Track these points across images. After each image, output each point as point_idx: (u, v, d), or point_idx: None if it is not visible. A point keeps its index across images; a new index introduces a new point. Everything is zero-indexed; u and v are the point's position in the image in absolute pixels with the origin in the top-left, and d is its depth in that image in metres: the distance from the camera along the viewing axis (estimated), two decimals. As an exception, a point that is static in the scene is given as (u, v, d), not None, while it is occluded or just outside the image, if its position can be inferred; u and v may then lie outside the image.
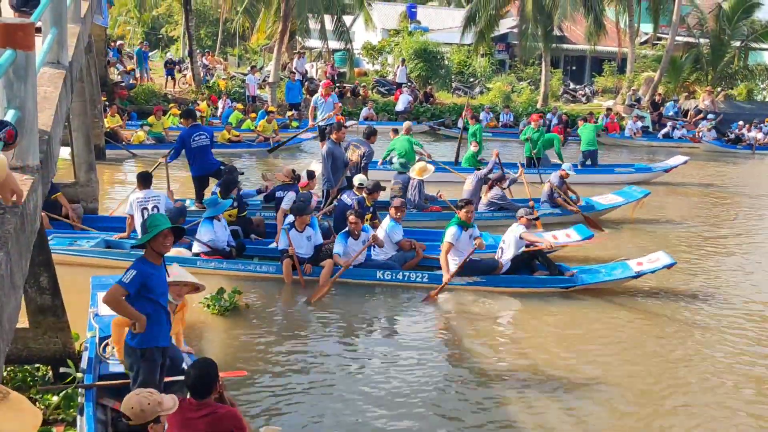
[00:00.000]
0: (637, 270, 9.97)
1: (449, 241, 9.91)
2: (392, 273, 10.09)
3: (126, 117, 21.95)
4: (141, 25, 51.37)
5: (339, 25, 31.52)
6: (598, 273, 10.26)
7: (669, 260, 9.94)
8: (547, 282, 10.15)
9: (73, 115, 11.83)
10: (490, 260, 10.30)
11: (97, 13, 13.63)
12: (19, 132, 3.95)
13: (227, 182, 11.14)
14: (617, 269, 10.24)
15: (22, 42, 3.89)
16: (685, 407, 7.12)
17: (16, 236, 3.44)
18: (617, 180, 18.23)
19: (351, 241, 10.16)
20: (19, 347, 6.75)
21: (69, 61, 6.69)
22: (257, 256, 10.67)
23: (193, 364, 5.14)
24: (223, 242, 10.20)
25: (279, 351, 7.95)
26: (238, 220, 11.26)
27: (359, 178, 12.13)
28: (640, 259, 10.28)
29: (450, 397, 7.09)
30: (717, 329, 9.11)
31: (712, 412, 7.01)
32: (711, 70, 34.14)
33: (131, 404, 4.53)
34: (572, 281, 10.11)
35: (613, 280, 10.11)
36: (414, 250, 10.59)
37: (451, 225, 10.11)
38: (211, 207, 10.26)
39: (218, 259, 10.03)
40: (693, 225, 15.00)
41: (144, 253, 5.68)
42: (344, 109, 27.15)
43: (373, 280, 10.07)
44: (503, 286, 10.06)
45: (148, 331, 5.58)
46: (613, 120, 28.75)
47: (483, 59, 37.03)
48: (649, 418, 6.85)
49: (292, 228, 10.05)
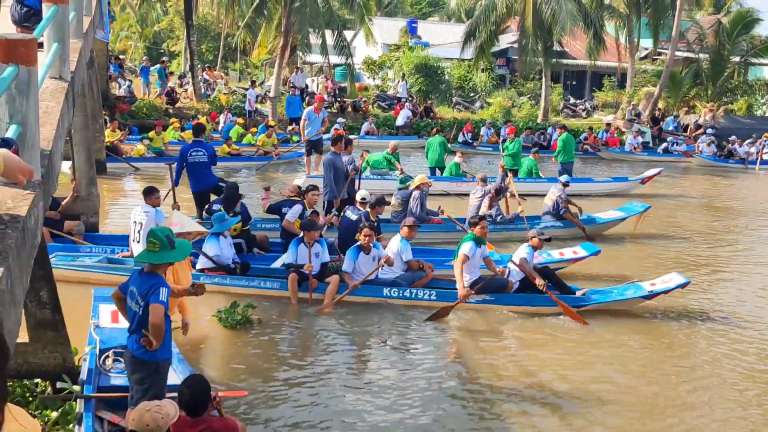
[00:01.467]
0: (650, 290, 9.84)
1: (465, 254, 9.80)
2: (399, 291, 9.97)
3: (126, 131, 21.98)
4: (143, 40, 51.56)
5: (340, 40, 31.61)
6: (609, 293, 10.14)
7: (682, 280, 9.82)
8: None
9: (75, 130, 11.86)
10: (500, 279, 10.13)
11: (98, 28, 13.68)
12: (20, 147, 3.97)
13: (228, 198, 11.09)
14: (629, 290, 10.11)
15: (24, 57, 3.92)
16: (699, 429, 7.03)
17: (17, 251, 3.44)
18: (595, 190, 18.46)
19: (362, 257, 10.03)
20: (18, 362, 6.74)
21: (71, 76, 6.72)
22: (262, 275, 10.46)
23: (185, 382, 5.09)
24: (228, 259, 10.10)
25: (285, 366, 7.94)
26: (242, 233, 11.21)
27: (362, 193, 12.11)
28: (653, 280, 10.16)
29: (457, 415, 7.05)
30: (730, 348, 9.01)
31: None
32: (711, 85, 34.23)
33: (146, 421, 4.52)
34: (583, 301, 9.98)
35: (625, 300, 9.98)
36: (422, 270, 10.43)
37: (466, 240, 10.02)
38: (218, 223, 10.12)
39: (222, 275, 9.95)
40: (693, 240, 15.00)
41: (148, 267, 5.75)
42: (346, 124, 27.29)
43: (380, 298, 9.94)
44: (513, 304, 9.91)
45: (162, 345, 5.63)
46: (613, 135, 28.84)
47: (483, 74, 37.14)
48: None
49: (301, 243, 9.94)
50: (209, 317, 9.00)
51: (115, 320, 6.93)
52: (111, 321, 7.03)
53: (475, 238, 9.98)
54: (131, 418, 4.58)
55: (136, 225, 10.16)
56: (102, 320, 7.09)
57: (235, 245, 10.81)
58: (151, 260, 5.74)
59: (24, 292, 3.73)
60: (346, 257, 10.10)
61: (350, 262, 10.01)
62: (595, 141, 28.02)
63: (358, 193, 12.22)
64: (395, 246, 10.41)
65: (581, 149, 27.79)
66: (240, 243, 11.08)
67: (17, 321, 3.47)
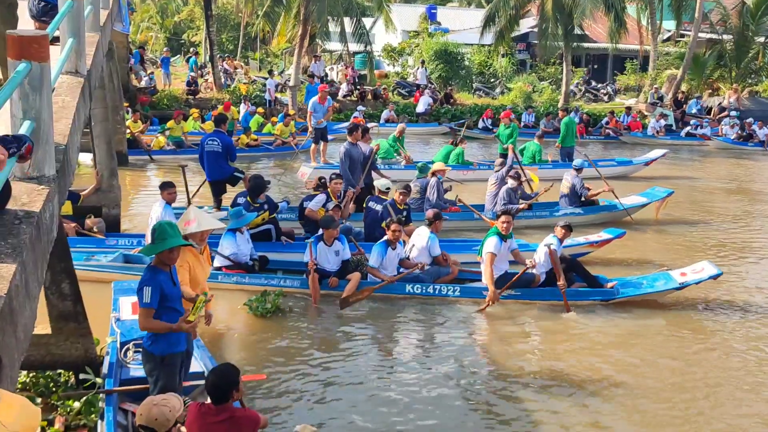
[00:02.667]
0: (681, 281, 9.60)
1: (493, 252, 9.51)
2: (422, 287, 9.76)
3: (147, 123, 22.12)
4: (163, 31, 51.81)
5: (359, 28, 31.57)
6: (639, 285, 9.89)
7: (715, 270, 9.54)
8: (587, 294, 9.77)
9: (95, 122, 11.96)
10: (527, 274, 9.77)
11: (117, 21, 13.77)
12: (34, 142, 4.01)
13: (255, 187, 10.97)
14: (659, 280, 9.85)
15: (36, 54, 3.95)
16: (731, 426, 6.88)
17: (32, 246, 3.49)
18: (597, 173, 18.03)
19: (390, 253, 9.84)
20: (41, 353, 6.84)
21: (87, 70, 6.77)
22: (281, 269, 10.40)
23: (213, 370, 5.14)
24: (245, 256, 9.94)
25: (306, 358, 7.96)
26: (270, 221, 11.08)
27: (384, 182, 11.99)
28: (683, 269, 9.92)
29: (480, 409, 7.02)
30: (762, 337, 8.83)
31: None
32: (734, 66, 33.72)
33: (154, 415, 4.53)
34: (612, 294, 9.74)
35: (656, 292, 9.73)
36: (448, 266, 10.18)
37: (490, 235, 9.72)
38: (235, 219, 9.94)
39: (240, 273, 9.78)
40: (716, 224, 14.84)
41: (153, 260, 5.75)
42: (366, 112, 27.27)
43: (403, 294, 9.76)
44: (540, 299, 9.69)
45: (167, 339, 5.66)
46: (635, 119, 28.56)
47: (504, 59, 36.90)
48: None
49: (320, 241, 9.74)
50: (239, 306, 9.08)
51: (135, 312, 6.96)
52: (131, 313, 7.09)
53: (498, 232, 9.70)
54: (139, 413, 4.60)
55: (152, 221, 10.02)
56: (122, 313, 7.16)
57: (265, 232, 10.81)
58: (149, 251, 5.80)
59: (40, 286, 3.78)
60: (373, 252, 9.90)
61: (378, 257, 9.80)
62: (616, 125, 27.77)
63: (379, 182, 12.17)
64: (423, 241, 10.16)
65: (603, 134, 27.60)
66: (269, 230, 11.00)
67: (33, 315, 3.52)
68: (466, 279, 10.30)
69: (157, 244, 5.63)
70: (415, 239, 10.36)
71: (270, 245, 10.83)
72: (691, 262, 10.45)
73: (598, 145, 26.23)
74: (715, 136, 27.58)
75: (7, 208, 3.65)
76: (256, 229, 10.80)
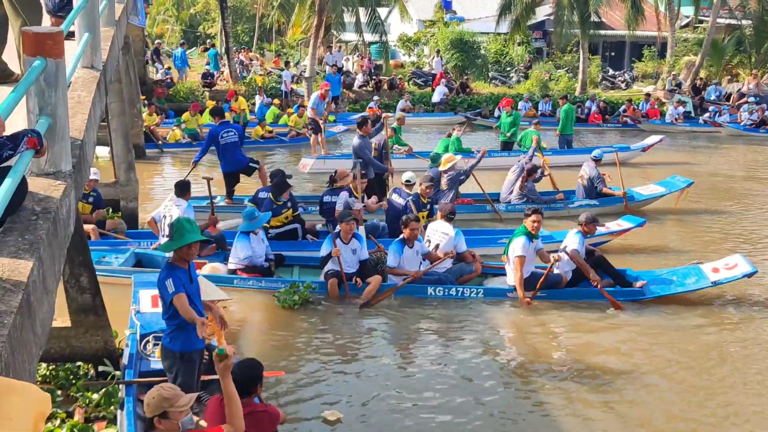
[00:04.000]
0: (714, 279, 9.23)
1: (523, 254, 9.15)
2: (445, 289, 9.41)
3: (163, 115, 22.22)
4: (179, 24, 51.91)
5: (374, 18, 31.50)
6: (669, 281, 9.53)
7: (749, 268, 9.16)
8: (614, 295, 9.33)
9: (112, 116, 12.03)
10: (553, 275, 9.42)
11: (133, 14, 13.79)
12: (50, 138, 4.05)
13: (278, 185, 10.74)
14: (690, 277, 9.49)
15: (51, 50, 3.98)
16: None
17: (49, 241, 3.53)
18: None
19: (407, 251, 9.52)
20: (61, 345, 6.93)
21: (103, 65, 6.81)
22: (298, 265, 10.28)
23: (238, 364, 5.11)
24: (260, 257, 9.64)
25: (326, 357, 7.89)
26: (295, 219, 10.89)
27: (407, 175, 11.77)
28: (715, 263, 9.56)
29: (506, 411, 6.91)
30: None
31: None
32: (754, 52, 33.32)
33: (152, 394, 4.56)
34: (641, 293, 9.38)
35: (687, 290, 9.39)
36: (472, 264, 9.88)
37: (518, 236, 9.33)
38: (248, 220, 9.63)
39: (257, 276, 9.46)
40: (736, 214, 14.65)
41: (171, 258, 5.76)
42: (382, 102, 27.24)
43: (425, 296, 9.42)
44: (567, 299, 9.34)
45: (186, 336, 5.69)
46: (654, 106, 28.33)
47: (520, 48, 36.68)
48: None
49: (338, 237, 9.41)
50: (270, 298, 9.07)
51: (155, 305, 7.00)
52: (151, 306, 7.14)
53: (526, 232, 9.33)
54: (146, 403, 4.60)
55: (167, 219, 9.71)
56: (142, 305, 7.21)
57: (291, 231, 10.66)
58: (168, 248, 5.81)
59: (57, 280, 3.82)
60: (390, 252, 9.60)
61: (395, 256, 9.51)
62: (634, 113, 27.55)
63: (402, 175, 11.89)
64: (448, 238, 9.80)
65: (621, 121, 27.36)
66: (296, 229, 10.80)
67: (51, 309, 3.56)
68: (489, 274, 10.07)
69: (175, 240, 5.63)
70: (433, 236, 10.03)
71: (296, 244, 10.67)
72: (715, 251, 10.18)
73: (615, 133, 26.01)
74: (726, 123, 27.21)
75: (24, 204, 3.68)
76: (281, 229, 10.67)
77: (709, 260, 10.01)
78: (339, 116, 24.58)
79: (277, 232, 10.56)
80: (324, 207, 11.44)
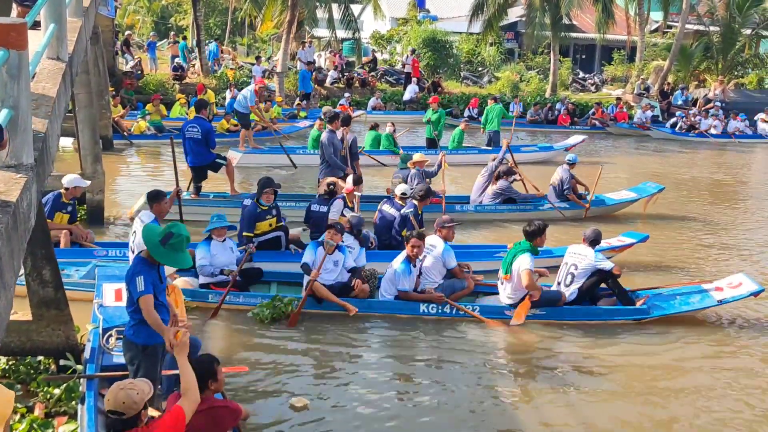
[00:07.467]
0: (719, 298, 9.00)
1: (531, 269, 8.75)
2: (437, 307, 8.91)
3: (130, 107, 22.06)
4: (150, 15, 51.39)
5: (347, 14, 31.47)
6: (672, 302, 9.23)
7: (754, 287, 8.95)
8: (618, 313, 9.05)
9: (79, 107, 11.88)
10: (553, 291, 9.13)
11: (102, 5, 13.66)
12: (12, 131, 4.00)
13: (261, 182, 10.17)
14: (694, 296, 9.25)
15: (15, 42, 3.94)
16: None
17: (8, 236, 3.49)
18: (521, 159, 16.85)
19: (414, 270, 8.97)
20: (22, 339, 6.83)
21: (69, 56, 6.73)
22: (276, 281, 9.69)
23: (194, 359, 5.18)
24: (219, 267, 9.03)
25: (307, 373, 7.54)
26: (279, 228, 10.34)
27: (402, 187, 11.32)
28: (719, 282, 9.34)
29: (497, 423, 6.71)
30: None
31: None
32: (721, 58, 33.83)
33: (121, 399, 4.48)
34: (645, 312, 9.04)
35: (692, 309, 9.13)
36: (464, 279, 9.35)
37: (523, 252, 8.89)
38: (212, 222, 9.20)
39: (233, 291, 8.77)
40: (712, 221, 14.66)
41: (144, 253, 5.74)
42: (352, 99, 27.22)
43: (416, 315, 8.91)
44: (568, 318, 8.94)
45: (150, 329, 5.64)
46: (622, 109, 28.65)
47: (492, 48, 36.87)
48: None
49: (320, 246, 8.90)
50: (250, 314, 8.61)
51: (118, 299, 6.92)
52: (114, 300, 7.06)
53: (531, 248, 8.92)
54: (107, 399, 4.56)
55: (135, 235, 8.65)
56: (105, 299, 7.11)
57: (274, 240, 10.20)
58: (171, 264, 5.82)
59: (16, 275, 3.77)
60: (400, 275, 8.95)
61: (407, 280, 8.94)
62: (602, 116, 27.84)
63: (397, 187, 11.47)
64: (438, 252, 9.28)
65: (589, 124, 27.64)
66: (279, 237, 10.29)
67: (8, 304, 3.52)
68: (481, 292, 9.62)
69: (179, 260, 5.72)
70: (432, 252, 9.38)
71: (278, 254, 10.22)
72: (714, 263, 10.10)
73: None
74: (654, 127, 27.47)
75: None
76: (264, 237, 10.15)
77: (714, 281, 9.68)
78: (310, 112, 24.55)
79: (259, 240, 10.11)
80: (311, 216, 10.96)
